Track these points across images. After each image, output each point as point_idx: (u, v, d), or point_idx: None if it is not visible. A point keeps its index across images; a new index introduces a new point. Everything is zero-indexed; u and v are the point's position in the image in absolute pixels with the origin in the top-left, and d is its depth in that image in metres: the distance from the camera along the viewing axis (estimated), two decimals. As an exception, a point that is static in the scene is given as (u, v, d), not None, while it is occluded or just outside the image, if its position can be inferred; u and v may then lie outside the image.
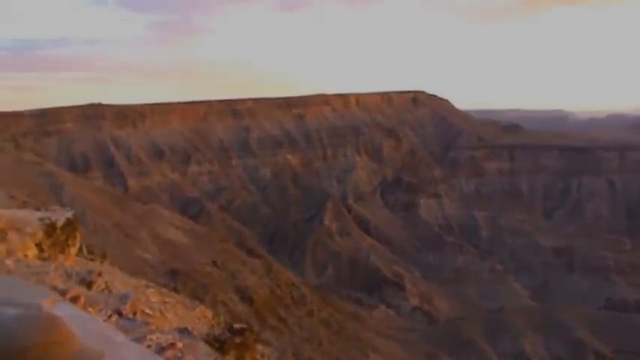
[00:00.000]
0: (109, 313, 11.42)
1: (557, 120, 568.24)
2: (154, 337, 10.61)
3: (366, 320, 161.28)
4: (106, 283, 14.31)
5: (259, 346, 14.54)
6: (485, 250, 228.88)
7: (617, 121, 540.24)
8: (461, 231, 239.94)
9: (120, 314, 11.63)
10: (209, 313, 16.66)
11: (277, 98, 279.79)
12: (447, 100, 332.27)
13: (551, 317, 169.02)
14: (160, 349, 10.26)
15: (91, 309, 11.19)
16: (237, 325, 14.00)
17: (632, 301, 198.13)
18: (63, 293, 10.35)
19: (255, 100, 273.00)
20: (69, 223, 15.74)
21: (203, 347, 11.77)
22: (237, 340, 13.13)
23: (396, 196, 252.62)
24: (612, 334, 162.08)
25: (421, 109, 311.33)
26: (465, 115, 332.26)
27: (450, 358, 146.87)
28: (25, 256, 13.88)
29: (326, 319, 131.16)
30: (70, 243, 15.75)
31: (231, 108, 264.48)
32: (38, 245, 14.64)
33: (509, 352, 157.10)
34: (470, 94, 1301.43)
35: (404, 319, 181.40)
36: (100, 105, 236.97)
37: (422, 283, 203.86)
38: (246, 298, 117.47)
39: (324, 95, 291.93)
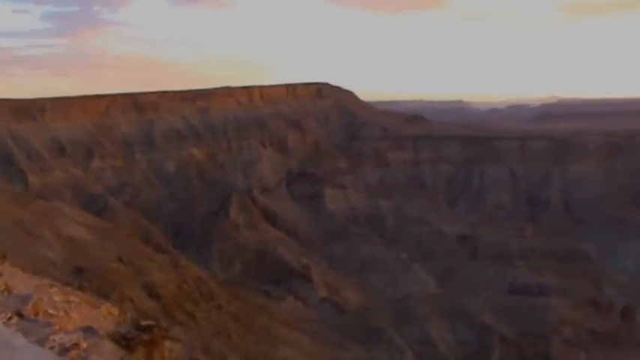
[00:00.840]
0: (9, 314, 11.08)
1: (458, 110, 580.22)
2: (57, 337, 10.32)
3: (275, 312, 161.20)
4: (6, 283, 13.88)
5: (167, 343, 14.28)
6: (390, 240, 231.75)
7: (517, 111, 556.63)
8: (366, 221, 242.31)
9: (21, 315, 11.29)
10: (115, 311, 16.29)
11: (181, 91, 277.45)
12: (351, 92, 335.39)
13: (456, 303, 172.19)
14: (64, 350, 9.99)
15: (-11, 311, 10.84)
16: (144, 322, 13.72)
17: (533, 285, 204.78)
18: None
19: (159, 94, 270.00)
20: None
21: (109, 346, 11.50)
22: (145, 337, 12.87)
23: (302, 187, 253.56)
24: (516, 317, 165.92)
25: (325, 101, 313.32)
26: (368, 107, 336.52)
27: (359, 348, 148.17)
28: None
29: (234, 312, 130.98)
30: (-34, 243, 15.22)
31: (135, 101, 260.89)
32: None
33: (417, 338, 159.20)
34: (373, 85, 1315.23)
35: (312, 310, 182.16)
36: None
37: (329, 274, 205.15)
38: (154, 294, 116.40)
39: (228, 88, 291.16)
